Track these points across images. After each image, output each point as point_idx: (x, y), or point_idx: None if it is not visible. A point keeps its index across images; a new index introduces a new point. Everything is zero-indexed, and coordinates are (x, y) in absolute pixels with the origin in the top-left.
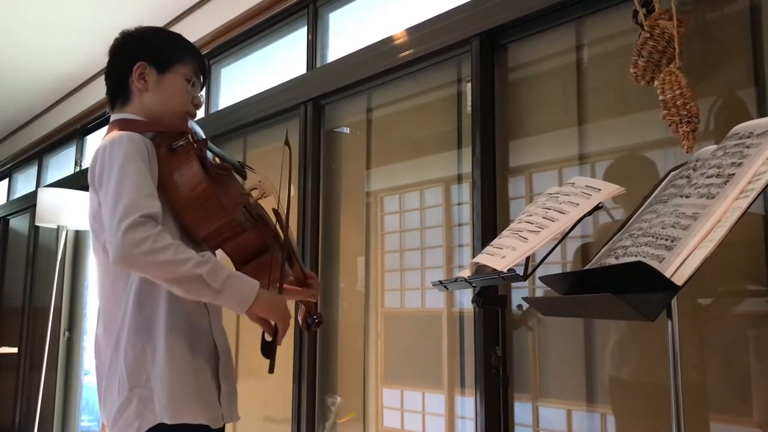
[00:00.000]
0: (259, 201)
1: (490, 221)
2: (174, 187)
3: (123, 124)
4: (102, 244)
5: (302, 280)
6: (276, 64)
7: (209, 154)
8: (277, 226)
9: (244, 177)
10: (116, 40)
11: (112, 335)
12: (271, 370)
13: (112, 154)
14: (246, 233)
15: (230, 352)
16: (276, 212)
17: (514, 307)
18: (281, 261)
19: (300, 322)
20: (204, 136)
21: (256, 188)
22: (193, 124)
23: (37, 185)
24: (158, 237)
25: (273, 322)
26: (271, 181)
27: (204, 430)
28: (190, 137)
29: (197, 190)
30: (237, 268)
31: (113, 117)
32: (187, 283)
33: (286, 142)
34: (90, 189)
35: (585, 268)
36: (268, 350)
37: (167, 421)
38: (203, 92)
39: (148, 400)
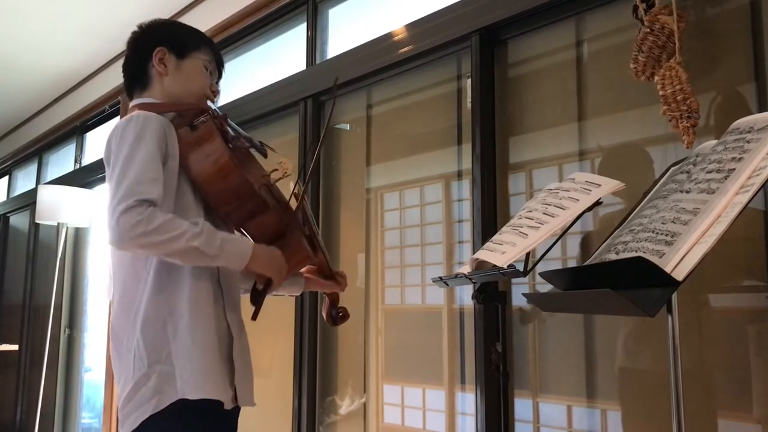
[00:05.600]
0: (278, 183)
1: (490, 217)
2: (196, 163)
3: (142, 107)
4: None
5: (327, 272)
6: (276, 60)
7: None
8: (300, 210)
9: (265, 156)
10: (134, 32)
11: (130, 313)
12: (254, 317)
13: (125, 133)
14: (269, 211)
15: (245, 334)
16: (295, 196)
17: (514, 303)
18: (300, 219)
19: (324, 316)
20: (222, 113)
21: (276, 169)
22: (211, 104)
23: (37, 182)
24: (150, 218)
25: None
26: (291, 163)
27: (220, 406)
28: (210, 113)
29: (219, 162)
30: None
31: (132, 103)
32: (184, 255)
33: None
34: (105, 168)
35: (585, 263)
36: (257, 297)
37: (190, 397)
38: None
39: (169, 375)
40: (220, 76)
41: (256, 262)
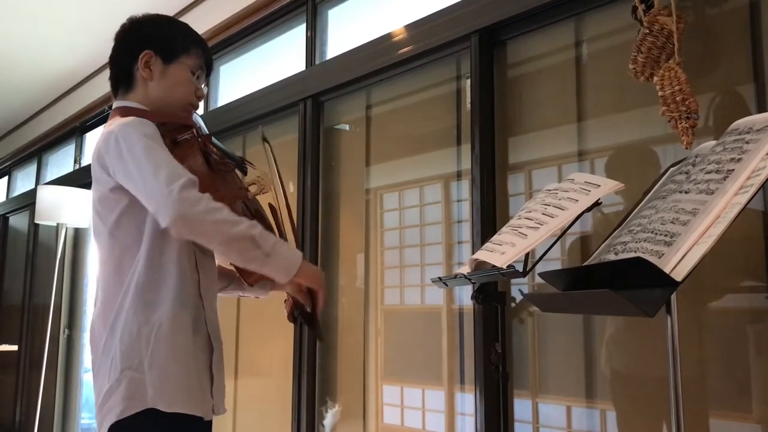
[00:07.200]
0: (258, 197)
1: (490, 218)
2: None
3: (127, 112)
4: (108, 229)
5: None
6: (275, 61)
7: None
8: (273, 222)
9: (245, 173)
10: (123, 25)
11: (109, 316)
12: (321, 337)
13: (129, 137)
14: None
15: (222, 345)
16: (272, 207)
17: (513, 303)
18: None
19: (285, 312)
20: (207, 131)
21: (254, 183)
22: (197, 119)
23: (37, 183)
24: (209, 198)
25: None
26: (270, 177)
27: (197, 422)
28: (194, 131)
29: (199, 184)
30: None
31: (116, 104)
32: (241, 243)
33: (264, 139)
34: (97, 172)
35: (584, 264)
36: (312, 320)
37: (162, 408)
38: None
39: (139, 383)
40: (208, 76)
41: (304, 273)
